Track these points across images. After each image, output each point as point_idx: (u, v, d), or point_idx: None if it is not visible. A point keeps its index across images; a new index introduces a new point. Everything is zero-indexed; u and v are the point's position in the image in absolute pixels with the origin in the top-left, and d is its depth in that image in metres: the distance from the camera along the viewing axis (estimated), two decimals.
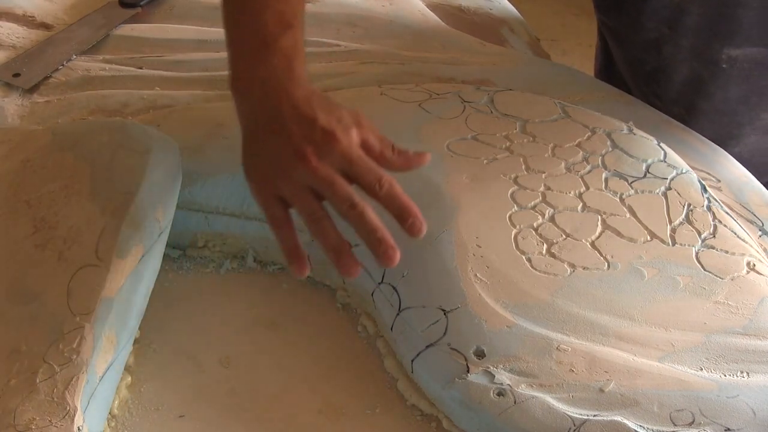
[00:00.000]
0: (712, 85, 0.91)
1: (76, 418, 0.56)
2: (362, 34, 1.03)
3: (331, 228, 0.61)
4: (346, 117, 0.63)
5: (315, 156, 0.60)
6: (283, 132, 0.61)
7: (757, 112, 0.93)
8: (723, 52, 0.89)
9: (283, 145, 0.61)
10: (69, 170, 0.70)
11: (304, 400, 0.66)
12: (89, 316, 0.61)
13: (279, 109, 0.62)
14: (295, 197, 0.61)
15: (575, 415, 0.58)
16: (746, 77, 0.90)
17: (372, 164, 0.62)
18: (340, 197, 0.60)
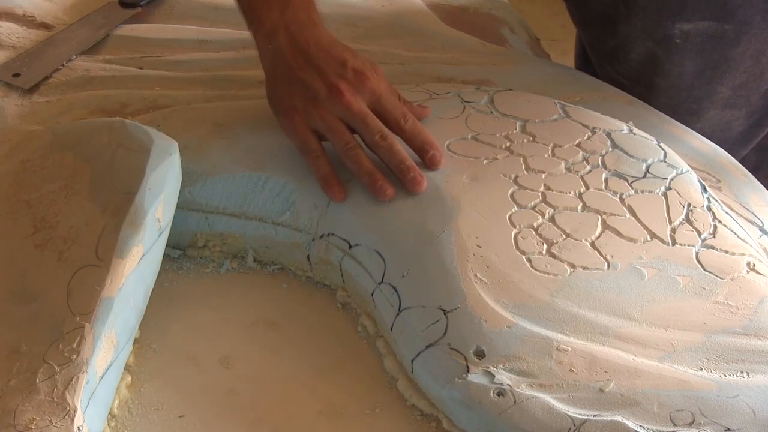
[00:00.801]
0: (668, 61, 0.93)
1: (76, 418, 0.56)
2: (362, 34, 1.03)
3: (363, 155, 0.68)
4: (368, 61, 0.70)
5: (348, 91, 0.67)
6: (315, 70, 0.68)
7: (713, 86, 0.94)
8: (676, 27, 0.90)
9: (318, 82, 0.67)
10: (69, 170, 0.70)
11: (304, 400, 0.66)
12: (89, 316, 0.61)
13: (308, 50, 0.68)
14: (330, 129, 0.67)
15: (575, 415, 0.58)
16: (700, 51, 0.91)
17: (397, 101, 0.69)
18: (372, 129, 0.67)
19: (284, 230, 0.74)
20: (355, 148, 0.68)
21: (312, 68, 0.68)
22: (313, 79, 0.68)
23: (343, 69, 0.68)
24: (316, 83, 0.68)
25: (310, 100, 0.68)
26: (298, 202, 0.74)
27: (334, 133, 0.68)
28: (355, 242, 0.71)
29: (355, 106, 0.67)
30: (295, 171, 0.74)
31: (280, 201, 0.74)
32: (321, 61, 0.68)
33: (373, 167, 0.68)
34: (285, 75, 0.69)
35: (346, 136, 0.68)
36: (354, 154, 0.68)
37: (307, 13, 0.71)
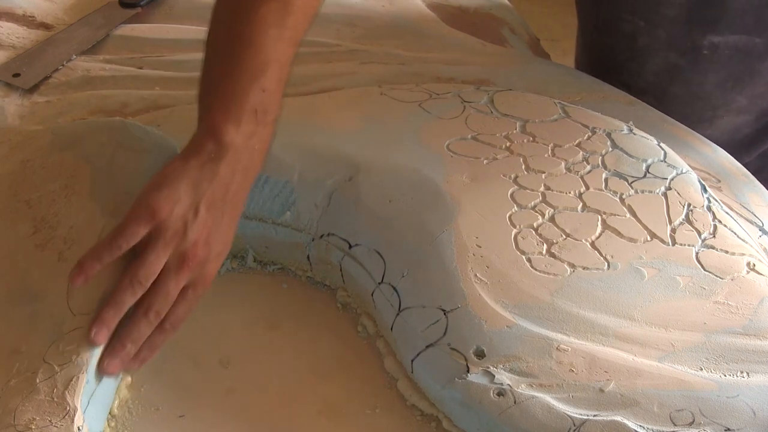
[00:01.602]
0: (690, 71, 0.92)
1: (76, 418, 0.56)
2: (362, 34, 1.03)
3: (130, 301, 0.61)
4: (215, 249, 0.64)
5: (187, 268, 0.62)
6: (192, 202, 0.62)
7: (732, 96, 0.94)
8: (706, 39, 0.89)
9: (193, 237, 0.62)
10: (69, 170, 0.70)
11: (304, 400, 0.66)
12: (89, 316, 0.61)
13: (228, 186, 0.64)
14: (152, 260, 0.61)
15: (575, 415, 0.58)
16: (725, 63, 0.91)
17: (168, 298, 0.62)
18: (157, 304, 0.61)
19: (284, 230, 0.74)
20: (140, 288, 0.61)
21: (212, 211, 0.63)
22: (201, 219, 0.63)
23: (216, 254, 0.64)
24: (199, 223, 0.63)
25: (183, 222, 0.62)
26: (298, 202, 0.74)
27: (149, 266, 0.61)
28: (355, 242, 0.71)
29: (172, 282, 0.62)
30: (295, 171, 0.74)
31: (280, 201, 0.74)
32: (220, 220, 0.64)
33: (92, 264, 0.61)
34: (200, 183, 0.63)
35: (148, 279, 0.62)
36: (128, 295, 0.61)
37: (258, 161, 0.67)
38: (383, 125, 0.78)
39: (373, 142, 0.76)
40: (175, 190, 0.62)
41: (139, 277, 0.61)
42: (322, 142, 0.75)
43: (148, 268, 0.61)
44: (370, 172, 0.73)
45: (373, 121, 0.79)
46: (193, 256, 0.62)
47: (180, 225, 0.62)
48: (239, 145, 0.64)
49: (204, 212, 0.63)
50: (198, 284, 0.64)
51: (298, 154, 0.74)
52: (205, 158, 0.63)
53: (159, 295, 0.62)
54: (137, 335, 0.61)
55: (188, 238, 0.62)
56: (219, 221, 0.64)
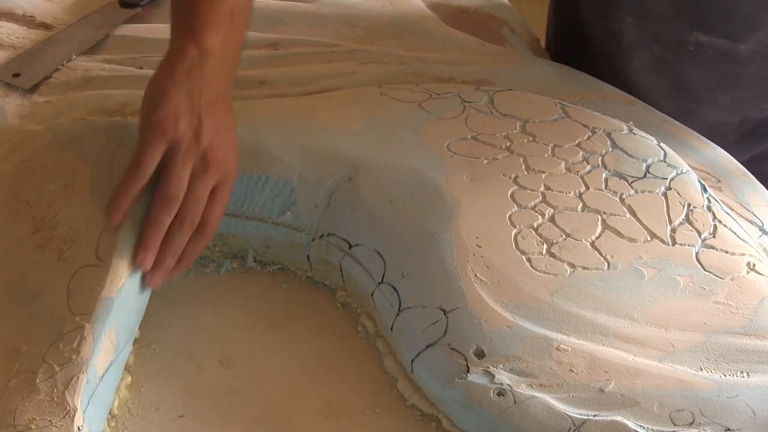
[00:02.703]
0: (676, 65, 0.93)
1: (76, 418, 0.56)
2: (362, 34, 1.03)
3: (168, 219, 0.64)
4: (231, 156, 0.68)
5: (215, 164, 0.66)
6: (193, 111, 0.65)
7: (715, 94, 0.95)
8: (692, 36, 0.90)
9: (212, 132, 0.66)
10: (69, 170, 0.70)
11: (304, 400, 0.66)
12: (89, 316, 0.61)
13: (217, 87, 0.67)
14: (178, 175, 0.64)
15: (575, 415, 0.58)
16: (710, 63, 0.92)
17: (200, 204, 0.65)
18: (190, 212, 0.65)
19: (284, 230, 0.74)
20: (174, 204, 0.64)
21: (211, 113, 0.66)
22: (206, 123, 0.66)
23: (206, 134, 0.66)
24: (206, 127, 0.65)
25: (193, 132, 0.65)
26: (298, 202, 0.74)
27: (177, 182, 0.64)
28: (355, 242, 0.71)
29: (202, 187, 0.65)
30: (295, 171, 0.74)
31: (280, 201, 0.74)
32: (220, 120, 0.67)
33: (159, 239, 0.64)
34: (190, 92, 0.65)
35: (179, 196, 0.64)
36: (166, 214, 0.64)
37: (234, 63, 0.70)
38: (383, 125, 0.78)
39: (373, 142, 0.76)
40: (173, 104, 0.64)
41: (172, 193, 0.64)
42: (322, 142, 0.76)
43: (178, 183, 0.64)
44: (370, 172, 0.73)
45: (373, 121, 0.79)
46: (214, 157, 0.65)
47: (190, 134, 0.65)
48: (218, 48, 0.67)
49: (206, 116, 0.66)
50: (224, 182, 0.67)
51: (298, 154, 0.74)
52: (189, 65, 0.66)
53: (190, 204, 0.65)
54: (176, 247, 0.65)
55: (203, 143, 0.65)
56: (221, 120, 0.67)
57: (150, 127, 0.64)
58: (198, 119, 0.65)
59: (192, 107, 0.65)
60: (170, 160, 0.64)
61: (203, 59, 0.66)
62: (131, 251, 0.64)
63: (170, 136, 0.64)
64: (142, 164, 0.64)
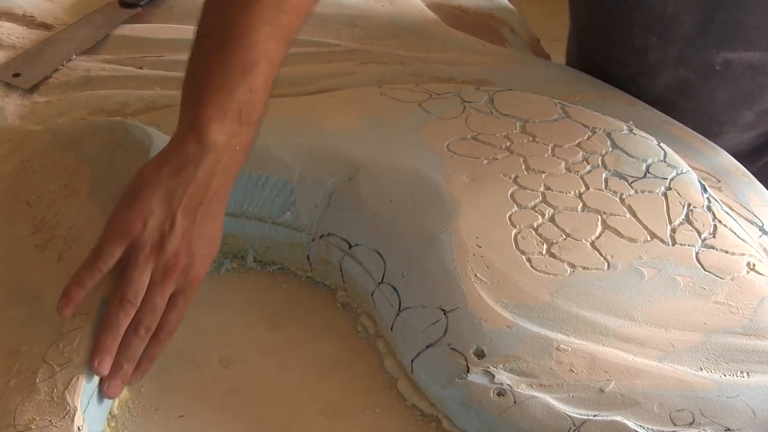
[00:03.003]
0: (701, 87, 0.92)
1: (76, 418, 0.56)
2: (362, 34, 1.02)
3: (125, 323, 0.61)
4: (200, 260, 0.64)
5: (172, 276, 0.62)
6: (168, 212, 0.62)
7: (741, 111, 0.94)
8: (719, 56, 0.89)
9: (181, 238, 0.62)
10: (69, 170, 0.70)
11: (304, 400, 0.66)
12: (89, 316, 0.61)
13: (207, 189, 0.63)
14: (136, 276, 0.61)
15: (575, 415, 0.58)
16: (737, 80, 0.91)
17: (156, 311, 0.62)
18: (148, 318, 0.62)
19: (284, 230, 0.74)
20: (131, 307, 0.61)
21: (188, 216, 0.63)
22: (178, 227, 0.62)
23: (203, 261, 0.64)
24: (176, 232, 0.62)
25: (158, 234, 0.62)
26: (298, 202, 0.74)
27: (134, 284, 0.61)
28: (355, 242, 0.71)
29: (158, 295, 0.62)
30: (295, 171, 0.74)
31: (280, 201, 0.74)
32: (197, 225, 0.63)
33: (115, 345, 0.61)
34: (175, 190, 0.62)
35: (138, 296, 0.61)
36: (123, 314, 0.61)
37: (237, 165, 0.66)
38: (383, 125, 0.78)
39: (373, 142, 0.76)
40: (146, 204, 0.61)
41: (128, 296, 0.61)
42: (322, 142, 0.75)
43: (135, 286, 0.61)
44: (370, 172, 0.73)
45: (373, 121, 0.79)
46: (175, 265, 0.62)
47: (156, 238, 0.61)
48: (221, 145, 0.63)
49: (181, 220, 0.62)
50: (186, 290, 0.64)
51: (298, 154, 0.74)
52: (182, 162, 0.63)
53: (146, 310, 0.62)
54: (132, 353, 0.62)
55: (167, 250, 0.62)
56: (201, 225, 0.63)
57: (116, 223, 0.62)
58: (170, 223, 0.62)
59: (167, 209, 0.62)
60: (129, 262, 0.61)
61: (200, 156, 0.63)
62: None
63: (133, 237, 0.61)
64: (99, 260, 0.61)
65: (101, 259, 0.61)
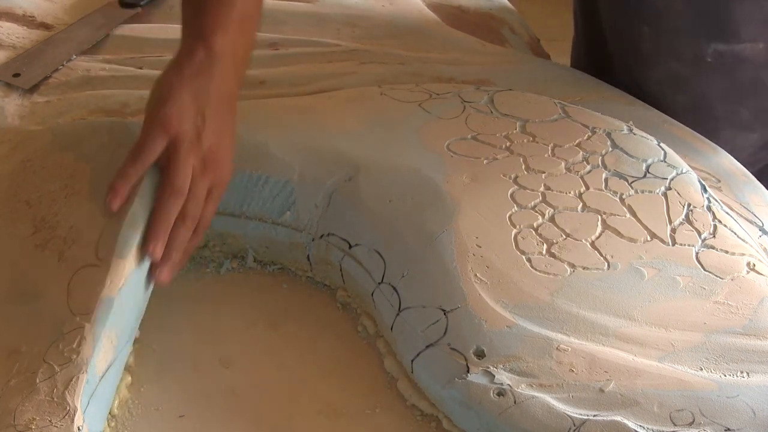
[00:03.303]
0: (695, 80, 0.92)
1: (76, 418, 0.56)
2: (362, 34, 1.03)
3: (176, 210, 0.65)
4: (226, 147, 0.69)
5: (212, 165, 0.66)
6: (219, 123, 0.67)
7: (735, 107, 0.94)
8: (710, 47, 0.89)
9: (212, 130, 0.66)
10: (69, 170, 0.70)
11: (304, 400, 0.66)
12: (89, 316, 0.61)
13: (229, 109, 0.69)
14: (185, 167, 0.65)
15: (575, 415, 0.58)
16: (729, 72, 0.91)
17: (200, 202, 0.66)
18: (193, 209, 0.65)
19: (284, 230, 0.74)
20: (181, 196, 0.65)
21: (216, 116, 0.67)
22: (209, 125, 0.66)
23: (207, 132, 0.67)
24: (208, 129, 0.66)
25: (195, 129, 0.66)
26: (298, 202, 0.74)
27: (184, 174, 0.65)
28: (355, 242, 0.71)
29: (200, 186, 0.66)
30: (295, 171, 0.74)
31: (280, 201, 0.74)
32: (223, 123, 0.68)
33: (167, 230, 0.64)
34: (196, 91, 0.66)
35: (187, 178, 0.65)
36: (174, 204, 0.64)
37: (243, 69, 0.71)
38: (383, 125, 0.78)
39: (373, 142, 0.76)
40: (180, 102, 0.65)
41: (178, 185, 0.65)
42: (322, 142, 0.76)
43: (183, 177, 0.65)
44: (370, 172, 0.73)
45: (373, 121, 0.79)
46: (212, 159, 0.66)
47: (193, 133, 0.65)
48: (227, 51, 0.68)
49: (210, 117, 0.66)
50: (218, 185, 0.68)
51: (298, 154, 0.74)
52: (197, 67, 0.67)
53: (192, 201, 0.65)
54: (179, 243, 0.65)
55: (203, 144, 0.66)
56: (223, 125, 0.68)
57: (155, 120, 0.65)
58: (202, 119, 0.66)
59: (197, 107, 0.66)
60: (174, 154, 0.65)
61: (212, 62, 0.67)
62: (131, 251, 0.64)
63: (173, 132, 0.65)
64: (142, 153, 0.65)
65: (144, 153, 0.65)
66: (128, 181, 0.64)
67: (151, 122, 0.66)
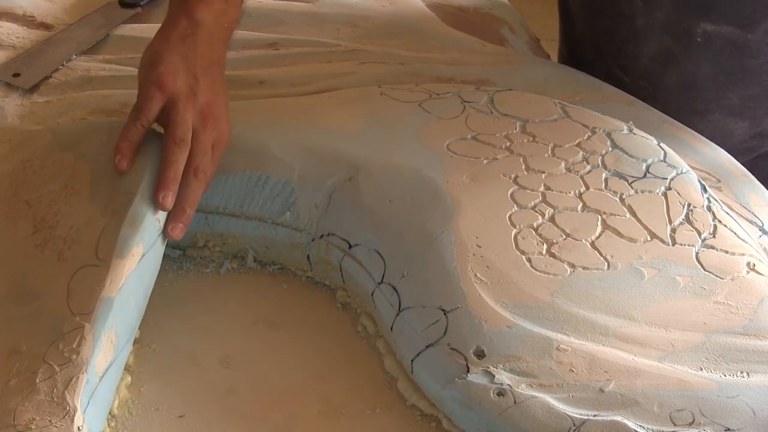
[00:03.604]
0: (684, 58, 0.93)
1: (76, 418, 0.56)
2: (362, 34, 1.03)
3: (182, 160, 0.67)
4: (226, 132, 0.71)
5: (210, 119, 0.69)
6: (207, 79, 0.70)
7: (723, 91, 0.94)
8: (699, 26, 0.90)
9: (204, 87, 0.69)
10: (69, 170, 0.70)
11: (304, 400, 0.66)
12: (89, 316, 0.61)
13: (217, 66, 0.72)
14: (184, 119, 0.67)
15: (575, 415, 0.58)
16: (718, 55, 0.91)
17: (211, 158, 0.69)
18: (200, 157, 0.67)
19: (284, 230, 0.74)
20: (184, 145, 0.67)
21: (207, 76, 0.70)
22: (202, 83, 0.69)
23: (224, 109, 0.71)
24: (202, 86, 0.69)
25: (189, 90, 0.68)
26: (298, 202, 0.74)
27: (185, 125, 0.67)
28: (355, 242, 0.71)
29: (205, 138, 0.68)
30: (295, 171, 0.74)
31: (280, 201, 0.74)
32: (216, 85, 0.71)
33: (177, 174, 0.66)
34: (185, 55, 0.70)
35: (187, 131, 0.67)
36: (180, 149, 0.67)
37: (226, 40, 0.74)
38: (383, 125, 0.78)
39: (373, 142, 0.76)
40: (171, 64, 0.68)
41: (180, 135, 0.66)
42: (322, 142, 0.76)
43: (183, 126, 0.67)
44: (370, 172, 0.73)
45: (373, 121, 0.79)
46: (210, 113, 0.69)
47: (188, 90, 0.68)
48: (210, 21, 0.72)
49: (201, 77, 0.69)
50: (220, 141, 0.70)
51: (298, 154, 0.74)
52: (183, 33, 0.70)
53: (198, 152, 0.67)
54: (192, 197, 0.67)
55: (199, 100, 0.68)
56: (215, 85, 0.71)
57: (149, 81, 0.68)
58: (194, 79, 0.68)
59: (188, 68, 0.69)
60: (172, 108, 0.67)
61: (195, 30, 0.71)
62: (131, 251, 0.64)
63: (169, 90, 0.67)
64: (141, 114, 0.67)
65: (142, 115, 0.67)
66: (132, 142, 0.66)
67: (145, 83, 0.68)
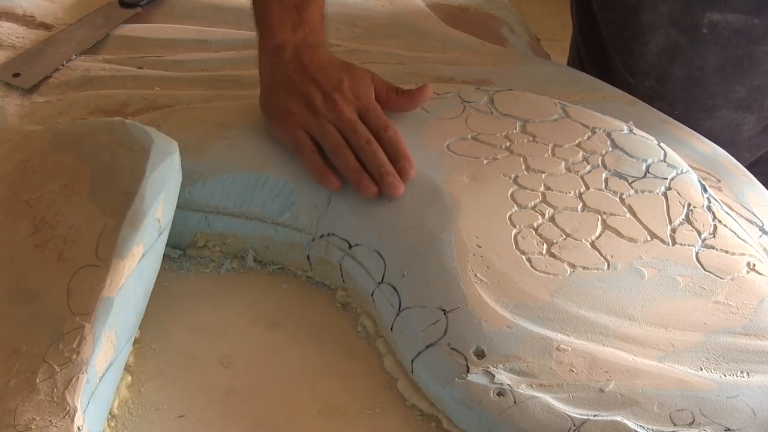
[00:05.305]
0: (691, 51, 0.93)
1: (76, 418, 0.56)
2: (362, 34, 1.03)
3: (351, 156, 0.72)
4: (363, 76, 0.77)
5: (342, 101, 0.74)
6: (314, 83, 0.75)
7: (731, 84, 0.94)
8: (705, 16, 0.90)
9: (315, 92, 0.74)
10: (69, 170, 0.70)
11: (304, 400, 0.66)
12: (89, 316, 0.61)
13: (309, 66, 0.76)
14: (323, 131, 0.73)
15: (575, 415, 0.58)
16: (724, 45, 0.91)
17: (382, 114, 0.75)
18: (360, 134, 0.73)
19: (284, 230, 0.74)
20: (344, 148, 0.72)
21: (311, 81, 0.75)
22: (311, 90, 0.74)
23: (339, 84, 0.75)
24: (314, 93, 0.74)
25: (305, 106, 0.74)
26: (298, 202, 0.74)
27: (326, 134, 0.73)
28: (355, 242, 0.71)
29: (347, 114, 0.73)
30: (295, 171, 0.74)
31: (280, 201, 0.74)
32: (319, 76, 0.75)
33: (359, 166, 0.72)
34: (284, 85, 0.75)
35: (337, 137, 0.73)
36: (343, 154, 0.72)
37: (316, 35, 0.78)
38: None
39: None
40: (278, 98, 0.75)
41: (364, 137, 0.73)
42: None
43: (360, 130, 0.73)
44: None
45: None
46: (347, 90, 0.75)
47: (324, 96, 0.74)
48: (288, 38, 0.77)
49: (318, 77, 0.75)
50: (369, 94, 0.76)
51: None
52: (272, 66, 0.77)
53: (373, 122, 0.74)
54: (402, 147, 0.73)
55: (334, 97, 0.74)
56: (327, 67, 0.76)
57: (280, 132, 0.75)
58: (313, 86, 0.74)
59: (290, 89, 0.74)
60: (338, 124, 0.73)
61: (279, 55, 0.76)
62: (131, 251, 0.64)
63: (298, 121, 0.74)
64: (304, 154, 0.73)
65: (305, 152, 0.73)
66: (328, 171, 0.72)
67: (279, 134, 0.75)
